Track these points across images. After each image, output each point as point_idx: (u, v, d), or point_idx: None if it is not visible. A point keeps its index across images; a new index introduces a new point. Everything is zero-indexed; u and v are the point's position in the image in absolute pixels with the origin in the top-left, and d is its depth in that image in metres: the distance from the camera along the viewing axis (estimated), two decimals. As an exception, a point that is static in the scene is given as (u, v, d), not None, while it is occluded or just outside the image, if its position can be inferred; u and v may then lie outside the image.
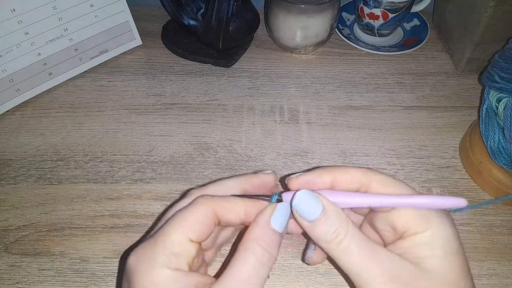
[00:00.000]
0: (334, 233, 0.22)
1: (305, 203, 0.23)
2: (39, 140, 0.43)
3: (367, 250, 0.22)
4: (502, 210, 0.39)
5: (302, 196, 0.23)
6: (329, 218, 0.22)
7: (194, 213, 0.24)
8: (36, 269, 0.34)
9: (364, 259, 0.22)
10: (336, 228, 0.22)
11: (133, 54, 0.52)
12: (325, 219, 0.22)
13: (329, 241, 0.22)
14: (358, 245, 0.22)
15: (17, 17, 0.41)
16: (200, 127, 0.45)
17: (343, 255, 0.22)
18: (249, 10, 0.51)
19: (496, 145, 0.37)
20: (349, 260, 0.22)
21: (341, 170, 0.24)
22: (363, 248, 0.22)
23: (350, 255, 0.22)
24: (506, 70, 0.35)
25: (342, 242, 0.22)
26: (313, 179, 0.24)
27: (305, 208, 0.23)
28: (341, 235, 0.22)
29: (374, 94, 0.49)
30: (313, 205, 0.23)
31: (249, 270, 0.22)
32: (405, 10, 0.51)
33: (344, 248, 0.22)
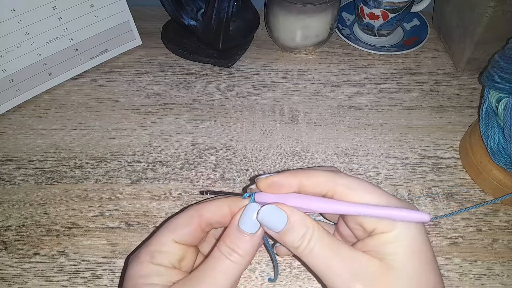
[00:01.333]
0: (300, 240, 0.23)
1: (270, 218, 0.24)
2: (39, 140, 0.43)
3: (332, 250, 0.23)
4: (502, 210, 0.39)
5: (266, 211, 0.24)
6: (293, 228, 0.24)
7: (178, 217, 0.27)
8: (36, 269, 0.34)
9: (328, 259, 0.23)
10: (301, 235, 0.24)
11: (133, 54, 0.52)
12: (290, 229, 0.24)
13: (296, 247, 0.24)
14: (323, 247, 0.23)
15: (17, 17, 0.41)
16: (200, 127, 0.45)
17: (310, 258, 0.23)
18: (249, 10, 0.51)
19: (496, 145, 0.37)
20: (316, 262, 0.23)
21: (307, 174, 0.25)
22: (328, 249, 0.23)
23: (316, 257, 0.23)
24: (506, 70, 0.35)
25: (307, 247, 0.23)
26: (280, 182, 0.25)
27: (270, 222, 0.24)
28: (305, 241, 0.23)
29: (374, 94, 0.49)
30: (278, 218, 0.24)
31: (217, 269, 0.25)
32: (405, 10, 0.51)
33: (310, 251, 0.23)
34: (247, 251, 0.25)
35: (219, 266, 0.25)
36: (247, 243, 0.25)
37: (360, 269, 0.22)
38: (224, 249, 0.25)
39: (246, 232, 0.25)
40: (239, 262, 0.25)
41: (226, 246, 0.25)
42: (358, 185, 0.24)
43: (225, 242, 0.25)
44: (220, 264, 0.25)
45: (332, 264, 0.23)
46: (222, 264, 0.25)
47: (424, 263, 0.23)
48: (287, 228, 0.24)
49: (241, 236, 0.25)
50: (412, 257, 0.22)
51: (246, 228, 0.25)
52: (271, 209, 0.24)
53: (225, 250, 0.25)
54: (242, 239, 0.25)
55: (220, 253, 0.25)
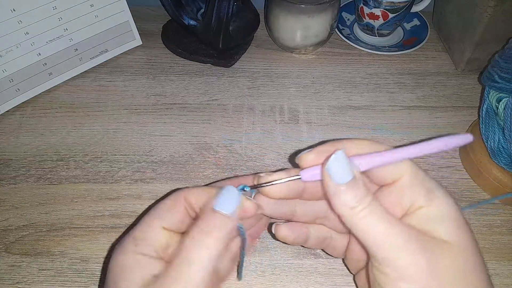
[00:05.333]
0: (359, 200, 0.22)
1: (340, 164, 0.22)
2: (39, 140, 0.43)
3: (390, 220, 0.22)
4: (502, 210, 0.39)
5: (339, 156, 0.22)
6: (357, 184, 0.22)
7: (164, 202, 0.26)
8: (36, 269, 0.34)
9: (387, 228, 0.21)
10: (362, 196, 0.22)
11: (133, 54, 0.52)
12: (353, 184, 0.22)
13: (354, 206, 0.22)
14: (381, 215, 0.22)
15: (17, 17, 0.41)
16: (200, 127, 0.45)
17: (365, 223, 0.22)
18: (249, 10, 0.51)
19: (496, 145, 0.37)
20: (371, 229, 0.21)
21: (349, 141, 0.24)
22: (386, 219, 0.22)
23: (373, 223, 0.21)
24: (506, 70, 0.35)
25: (365, 210, 0.21)
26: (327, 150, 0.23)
27: (338, 169, 0.22)
28: (365, 203, 0.22)
29: (374, 94, 0.49)
30: (346, 168, 0.22)
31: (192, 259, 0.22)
32: (405, 10, 0.51)
33: (366, 215, 0.21)
34: (222, 233, 0.23)
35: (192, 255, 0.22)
36: (223, 224, 0.23)
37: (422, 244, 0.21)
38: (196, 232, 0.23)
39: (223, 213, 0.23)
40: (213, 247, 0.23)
41: (199, 229, 0.23)
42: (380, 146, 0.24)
43: (197, 225, 0.23)
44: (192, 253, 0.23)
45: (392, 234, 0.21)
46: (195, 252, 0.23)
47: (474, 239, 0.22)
48: (352, 182, 0.22)
49: (215, 218, 0.23)
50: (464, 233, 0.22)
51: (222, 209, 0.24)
52: (344, 156, 0.22)
53: (197, 233, 0.23)
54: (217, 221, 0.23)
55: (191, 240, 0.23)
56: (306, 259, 0.35)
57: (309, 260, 0.35)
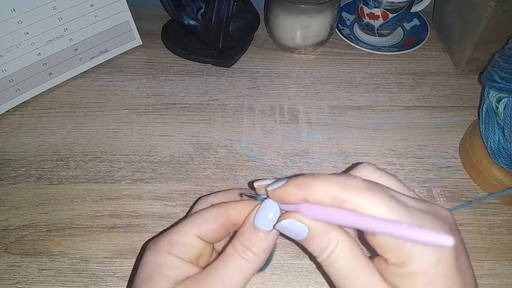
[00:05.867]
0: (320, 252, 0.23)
1: (289, 229, 0.24)
2: (39, 140, 0.43)
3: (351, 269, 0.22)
4: (502, 210, 0.39)
5: (284, 224, 0.24)
6: (314, 239, 0.23)
7: (205, 212, 0.26)
8: (36, 269, 0.34)
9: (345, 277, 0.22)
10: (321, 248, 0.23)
11: (133, 54, 0.52)
12: (310, 240, 0.23)
13: (316, 256, 0.23)
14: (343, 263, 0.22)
15: (17, 17, 0.41)
16: (200, 127, 0.45)
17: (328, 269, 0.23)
18: (249, 10, 0.51)
19: (496, 145, 0.37)
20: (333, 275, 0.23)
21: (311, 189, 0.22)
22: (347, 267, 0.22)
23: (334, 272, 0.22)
24: (506, 70, 0.35)
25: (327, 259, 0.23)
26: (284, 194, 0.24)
27: (291, 232, 0.24)
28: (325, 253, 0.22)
29: (374, 94, 0.49)
30: (298, 230, 0.23)
31: (231, 266, 0.24)
32: (405, 10, 0.51)
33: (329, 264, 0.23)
34: (262, 249, 0.24)
35: (232, 264, 0.24)
36: (262, 241, 0.24)
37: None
38: (238, 246, 0.24)
39: (262, 230, 0.24)
40: (253, 261, 0.24)
41: (240, 244, 0.24)
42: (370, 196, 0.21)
43: (240, 240, 0.24)
44: (234, 262, 0.24)
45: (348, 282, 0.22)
46: (236, 262, 0.24)
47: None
48: (308, 238, 0.23)
49: (256, 234, 0.24)
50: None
51: (261, 226, 0.24)
52: (290, 223, 0.23)
53: (239, 247, 0.24)
54: (257, 237, 0.24)
55: (233, 251, 0.24)
56: (306, 259, 0.35)
57: (309, 260, 0.35)
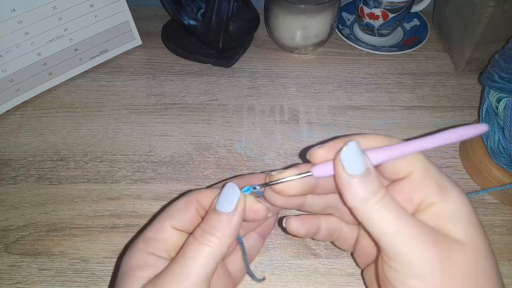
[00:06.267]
0: (372, 193, 0.21)
1: (353, 155, 0.22)
2: (39, 140, 0.43)
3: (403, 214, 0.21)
4: (502, 210, 0.39)
5: (352, 147, 0.22)
6: (370, 177, 0.22)
7: (176, 203, 0.26)
8: (36, 269, 0.34)
9: (400, 222, 0.21)
10: (375, 188, 0.21)
11: (133, 54, 0.52)
12: (367, 176, 0.21)
13: (366, 199, 0.21)
14: (394, 209, 0.21)
15: (17, 17, 0.41)
16: (200, 127, 0.45)
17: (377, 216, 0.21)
18: (249, 10, 0.51)
19: (496, 145, 0.37)
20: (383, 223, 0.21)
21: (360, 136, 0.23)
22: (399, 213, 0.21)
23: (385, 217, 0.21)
24: (506, 70, 0.35)
25: (378, 203, 0.21)
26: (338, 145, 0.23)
27: (351, 160, 0.22)
28: (378, 196, 0.21)
29: (374, 94, 0.49)
30: (360, 160, 0.22)
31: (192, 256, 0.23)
32: (405, 10, 0.51)
33: (379, 209, 0.21)
34: (225, 232, 0.23)
35: (194, 252, 0.23)
36: (224, 224, 0.23)
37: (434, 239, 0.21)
38: (199, 233, 0.23)
39: (223, 211, 0.23)
40: (216, 246, 0.23)
41: (201, 230, 0.23)
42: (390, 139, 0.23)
43: (200, 227, 0.24)
44: (194, 250, 0.23)
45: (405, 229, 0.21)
46: (197, 250, 0.23)
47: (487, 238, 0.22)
48: (366, 173, 0.21)
49: (218, 218, 0.23)
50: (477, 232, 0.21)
51: (223, 208, 0.24)
52: (358, 147, 0.22)
53: (199, 234, 0.23)
54: (218, 221, 0.23)
55: (193, 239, 0.23)
56: (306, 259, 0.35)
57: (309, 260, 0.35)
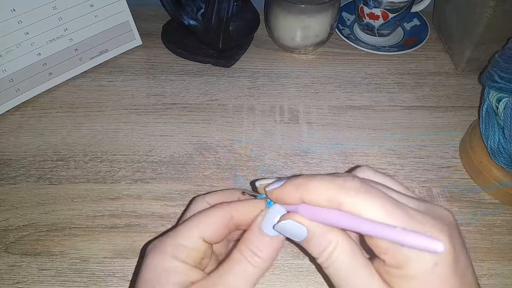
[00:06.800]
0: (319, 253, 0.23)
1: (289, 230, 0.24)
2: (39, 140, 0.43)
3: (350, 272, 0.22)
4: (502, 210, 0.39)
5: (283, 225, 0.24)
6: (312, 241, 0.23)
7: (209, 214, 0.26)
8: (36, 269, 0.34)
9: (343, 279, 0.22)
10: (321, 249, 0.23)
11: (133, 54, 0.52)
12: (309, 241, 0.23)
13: (316, 258, 0.23)
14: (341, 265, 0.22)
15: (17, 17, 0.41)
16: (200, 127, 0.45)
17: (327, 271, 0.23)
18: (249, 10, 0.51)
19: (496, 145, 0.37)
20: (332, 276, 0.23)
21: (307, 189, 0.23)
22: (346, 269, 0.22)
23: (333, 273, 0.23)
24: (506, 70, 0.35)
25: (326, 261, 0.23)
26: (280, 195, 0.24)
27: (291, 233, 0.24)
28: (325, 255, 0.23)
29: (374, 94, 0.49)
30: (297, 231, 0.23)
31: (237, 272, 0.24)
32: (405, 10, 0.51)
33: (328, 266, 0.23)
34: (269, 254, 0.24)
35: (240, 269, 0.24)
36: (269, 246, 0.24)
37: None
38: (246, 252, 0.24)
39: (269, 234, 0.24)
40: (259, 266, 0.24)
41: (247, 249, 0.24)
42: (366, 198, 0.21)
43: (247, 245, 0.24)
44: (241, 268, 0.24)
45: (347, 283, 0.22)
46: (243, 267, 0.24)
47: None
48: (307, 240, 0.23)
49: (263, 239, 0.24)
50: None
51: (268, 231, 0.24)
52: (288, 224, 0.23)
53: (246, 253, 0.24)
54: (263, 242, 0.24)
55: (241, 256, 0.24)
56: (306, 259, 0.35)
57: (309, 260, 0.35)
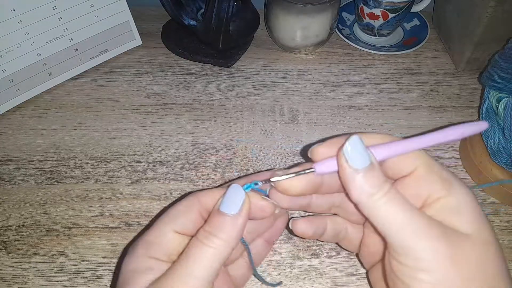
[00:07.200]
0: (378, 187, 0.21)
1: (356, 149, 0.22)
2: (39, 140, 0.43)
3: (409, 208, 0.21)
4: (502, 210, 0.39)
5: (355, 140, 0.22)
6: (375, 170, 0.22)
7: (177, 205, 0.25)
8: (36, 269, 0.34)
9: (407, 215, 0.21)
10: (381, 182, 0.21)
11: (133, 54, 0.52)
12: (371, 170, 0.21)
13: (372, 193, 0.21)
14: (400, 203, 0.21)
15: (17, 17, 0.41)
16: (200, 127, 0.45)
17: (383, 210, 0.21)
18: (249, 10, 0.51)
19: (496, 145, 0.37)
20: (390, 216, 0.21)
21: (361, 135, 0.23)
22: (405, 207, 0.21)
23: (392, 210, 0.21)
24: (506, 70, 0.35)
25: (384, 197, 0.21)
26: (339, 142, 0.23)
27: (355, 154, 0.22)
28: (384, 190, 0.21)
29: (374, 94, 0.49)
30: (363, 153, 0.22)
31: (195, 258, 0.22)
32: (405, 10, 0.51)
33: (385, 202, 0.21)
34: (229, 234, 0.23)
35: (197, 254, 0.22)
36: (228, 225, 0.23)
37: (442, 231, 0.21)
38: (202, 235, 0.23)
39: (228, 213, 0.23)
40: (220, 248, 0.22)
41: (204, 232, 0.23)
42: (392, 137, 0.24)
43: (204, 228, 0.23)
44: (198, 252, 0.22)
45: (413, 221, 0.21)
46: (200, 251, 0.22)
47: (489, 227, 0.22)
48: (371, 167, 0.21)
49: (222, 219, 0.23)
50: (483, 224, 0.21)
51: (227, 210, 0.23)
52: (361, 141, 0.22)
53: (203, 235, 0.23)
54: (223, 222, 0.23)
55: (197, 241, 0.23)
56: (306, 259, 0.35)
57: (309, 260, 0.35)
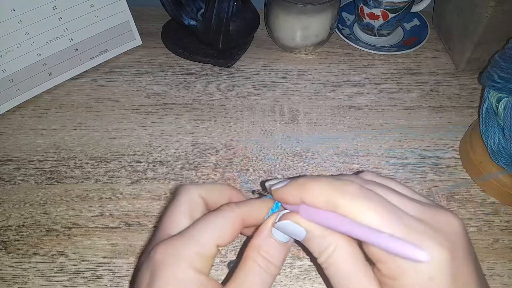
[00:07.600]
0: (318, 253, 0.23)
1: (289, 230, 0.24)
2: (39, 140, 0.43)
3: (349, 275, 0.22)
4: (502, 210, 0.39)
5: (283, 225, 0.24)
6: (312, 240, 0.23)
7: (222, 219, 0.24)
8: (36, 269, 0.34)
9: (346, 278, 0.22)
10: (321, 250, 0.23)
11: (133, 54, 0.52)
12: (309, 240, 0.23)
13: (317, 258, 0.23)
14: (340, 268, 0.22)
15: (17, 17, 0.41)
16: (200, 127, 0.45)
17: (326, 271, 0.23)
18: (249, 10, 0.51)
19: (496, 145, 0.37)
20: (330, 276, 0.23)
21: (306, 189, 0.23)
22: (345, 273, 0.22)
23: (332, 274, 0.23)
24: (506, 70, 0.35)
25: (325, 262, 0.23)
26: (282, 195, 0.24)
27: (290, 233, 0.24)
28: (323, 256, 0.23)
29: (374, 94, 0.49)
30: (296, 230, 0.23)
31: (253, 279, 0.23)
32: (405, 10, 0.51)
33: (327, 267, 0.23)
34: (281, 260, 0.24)
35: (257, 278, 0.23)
36: (281, 252, 0.24)
37: None
38: (261, 260, 0.24)
39: (280, 241, 0.24)
40: (274, 273, 0.24)
41: (262, 258, 0.24)
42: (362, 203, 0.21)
43: (261, 253, 0.24)
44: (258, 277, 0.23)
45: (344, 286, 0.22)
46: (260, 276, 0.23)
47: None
48: (306, 240, 0.23)
49: (275, 246, 0.24)
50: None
51: (280, 238, 0.24)
52: (287, 224, 0.23)
53: (261, 261, 0.24)
54: (276, 249, 0.24)
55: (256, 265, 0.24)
56: (306, 259, 0.35)
57: (309, 260, 0.35)
